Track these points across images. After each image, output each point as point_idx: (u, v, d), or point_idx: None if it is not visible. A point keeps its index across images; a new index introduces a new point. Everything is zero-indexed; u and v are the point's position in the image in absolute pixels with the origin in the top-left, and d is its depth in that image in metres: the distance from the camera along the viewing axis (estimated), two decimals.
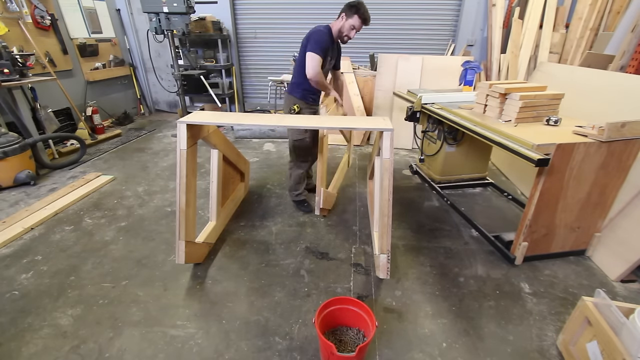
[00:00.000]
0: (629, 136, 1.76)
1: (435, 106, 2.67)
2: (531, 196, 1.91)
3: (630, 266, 1.89)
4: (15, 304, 1.76)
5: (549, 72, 3.04)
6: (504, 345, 1.57)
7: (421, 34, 5.05)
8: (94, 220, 2.56)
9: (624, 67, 2.79)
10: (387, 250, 1.78)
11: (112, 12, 5.08)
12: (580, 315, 1.42)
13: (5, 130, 3.03)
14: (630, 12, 3.11)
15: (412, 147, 4.13)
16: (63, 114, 4.18)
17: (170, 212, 2.66)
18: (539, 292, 1.88)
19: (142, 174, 3.38)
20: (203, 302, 1.79)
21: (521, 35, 4.10)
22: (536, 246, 2.05)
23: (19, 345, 1.53)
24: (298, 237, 2.37)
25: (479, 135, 2.05)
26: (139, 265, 2.07)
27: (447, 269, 2.06)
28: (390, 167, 1.74)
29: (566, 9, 4.07)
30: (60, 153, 3.81)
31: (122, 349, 1.52)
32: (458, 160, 3.04)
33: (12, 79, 3.09)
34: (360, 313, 1.49)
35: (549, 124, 2.01)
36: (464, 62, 3.32)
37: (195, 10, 3.82)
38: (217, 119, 1.90)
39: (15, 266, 2.04)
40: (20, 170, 3.00)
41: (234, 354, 1.50)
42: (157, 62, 5.24)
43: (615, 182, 1.93)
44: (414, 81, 3.89)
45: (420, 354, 1.52)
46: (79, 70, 4.51)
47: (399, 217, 2.63)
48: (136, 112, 5.68)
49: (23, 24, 3.59)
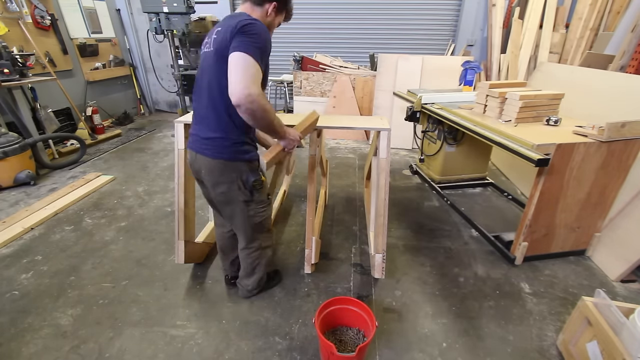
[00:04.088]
0: (629, 136, 1.76)
1: (435, 106, 2.67)
2: (531, 196, 1.91)
3: (630, 266, 1.89)
4: (15, 304, 1.76)
5: (549, 72, 3.04)
6: (504, 345, 1.57)
7: (421, 34, 5.05)
8: (94, 220, 2.56)
9: (624, 67, 2.79)
10: (383, 250, 1.78)
11: (112, 12, 5.08)
12: (580, 315, 1.42)
13: (5, 130, 3.03)
14: (630, 12, 3.11)
15: (412, 147, 4.13)
16: (63, 114, 4.18)
17: (170, 212, 2.66)
18: (539, 292, 1.88)
19: (142, 174, 3.38)
20: (203, 302, 1.79)
21: (521, 35, 4.10)
22: (536, 246, 2.05)
23: (19, 345, 1.53)
24: (298, 237, 2.37)
25: (479, 135, 2.05)
26: (139, 265, 2.07)
27: (447, 269, 2.06)
28: (387, 167, 1.74)
29: (566, 9, 4.07)
30: (60, 153, 3.81)
31: (122, 349, 1.52)
32: (458, 160, 3.04)
33: (12, 79, 3.09)
34: (360, 313, 1.49)
35: (549, 124, 2.02)
36: (464, 62, 3.32)
37: (195, 10, 3.82)
38: None
39: (15, 266, 2.04)
40: (20, 170, 3.00)
41: (234, 354, 1.50)
42: (157, 62, 5.23)
43: (615, 182, 1.93)
44: (414, 81, 3.89)
45: (420, 354, 1.52)
46: (79, 70, 4.51)
47: (398, 217, 2.63)
48: (136, 112, 5.68)
49: (23, 24, 3.59)
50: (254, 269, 1.71)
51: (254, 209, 1.51)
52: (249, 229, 1.57)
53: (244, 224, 1.55)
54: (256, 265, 1.70)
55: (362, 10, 4.95)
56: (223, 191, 1.43)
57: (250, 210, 1.51)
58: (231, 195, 1.44)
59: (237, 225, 1.58)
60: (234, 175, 1.39)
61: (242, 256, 1.68)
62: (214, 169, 1.39)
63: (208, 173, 1.41)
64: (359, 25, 5.06)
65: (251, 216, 1.52)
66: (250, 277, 1.73)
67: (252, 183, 1.41)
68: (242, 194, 1.44)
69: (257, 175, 1.42)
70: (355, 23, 5.04)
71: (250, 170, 1.41)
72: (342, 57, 4.93)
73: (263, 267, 1.72)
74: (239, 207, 1.49)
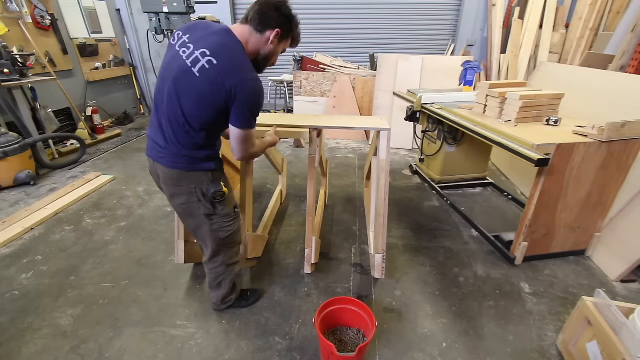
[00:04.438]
0: (629, 136, 1.76)
1: (435, 106, 2.67)
2: (531, 196, 1.91)
3: (630, 266, 1.89)
4: (15, 304, 1.76)
5: (549, 72, 3.04)
6: (504, 345, 1.57)
7: (421, 34, 5.05)
8: (94, 220, 2.56)
9: (624, 67, 2.79)
10: (383, 250, 1.78)
11: (112, 12, 5.08)
12: (580, 315, 1.42)
13: (5, 130, 3.03)
14: (630, 12, 3.10)
15: (412, 147, 4.13)
16: (63, 114, 4.18)
17: (170, 212, 2.66)
18: (539, 292, 1.88)
19: (142, 174, 3.38)
20: (203, 302, 1.79)
21: (521, 35, 4.10)
22: (536, 246, 2.05)
23: (19, 345, 1.53)
24: (298, 237, 2.37)
25: (479, 135, 2.05)
26: (139, 265, 2.07)
27: (447, 269, 2.06)
28: (387, 167, 1.74)
29: (566, 9, 4.07)
30: (60, 153, 3.81)
31: (122, 349, 1.52)
32: (458, 160, 3.04)
33: (12, 79, 3.09)
34: (360, 313, 1.49)
35: (549, 124, 2.02)
36: (464, 62, 3.32)
37: (195, 10, 3.82)
38: None
39: (15, 266, 2.04)
40: (20, 170, 3.00)
41: (234, 354, 1.50)
42: (157, 62, 5.22)
43: (615, 182, 1.93)
44: (414, 81, 3.89)
45: (420, 354, 1.52)
46: (79, 70, 4.51)
47: (399, 217, 2.63)
48: (136, 112, 5.67)
49: (23, 24, 3.58)
50: (219, 284, 1.60)
51: (217, 222, 1.39)
52: (213, 244, 1.45)
53: (207, 238, 1.44)
54: (221, 281, 1.58)
55: (362, 10, 4.96)
56: (181, 202, 1.33)
57: (214, 225, 1.39)
58: (191, 207, 1.34)
59: (200, 238, 1.48)
60: (192, 187, 1.28)
61: (206, 270, 1.58)
62: (169, 179, 1.29)
63: (164, 183, 1.33)
64: (359, 25, 5.06)
65: (215, 230, 1.40)
66: (216, 291, 1.63)
67: (212, 194, 1.29)
68: (202, 206, 1.33)
69: (218, 186, 1.31)
70: (355, 23, 5.04)
71: (210, 181, 1.30)
72: (342, 57, 4.93)
73: (229, 283, 1.60)
74: (200, 220, 1.37)
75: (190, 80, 1.14)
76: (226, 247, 1.50)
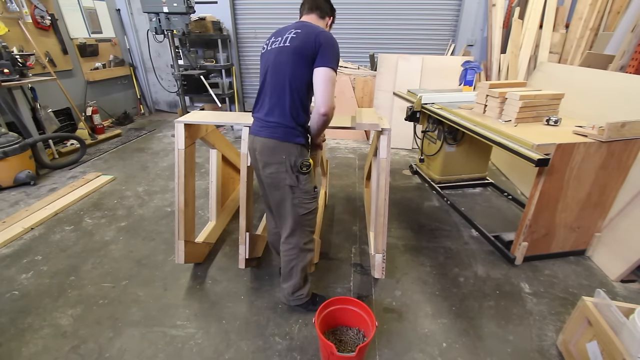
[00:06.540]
0: (629, 136, 1.76)
1: (435, 106, 2.67)
2: (531, 196, 1.91)
3: (630, 266, 1.89)
4: (15, 304, 1.76)
5: (549, 72, 3.04)
6: (504, 345, 1.57)
7: (421, 34, 5.05)
8: (94, 220, 2.56)
9: (624, 67, 2.79)
10: (383, 250, 1.78)
11: (112, 12, 5.08)
12: (580, 315, 1.42)
13: (5, 130, 3.03)
14: (630, 12, 3.10)
15: (412, 147, 4.13)
16: (63, 114, 4.18)
17: (170, 212, 2.66)
18: (539, 292, 1.88)
19: (142, 174, 3.38)
20: (203, 302, 1.79)
21: (521, 35, 4.10)
22: (536, 246, 2.05)
23: (19, 345, 1.53)
24: None
25: (479, 135, 2.05)
26: (139, 265, 2.07)
27: (447, 269, 2.06)
28: (387, 167, 1.74)
29: (566, 9, 4.07)
30: (60, 153, 3.81)
31: (122, 349, 1.52)
32: (458, 160, 3.04)
33: (12, 79, 3.09)
34: (360, 313, 1.49)
35: (549, 124, 2.02)
36: (464, 62, 3.32)
37: (195, 10, 3.83)
38: (215, 118, 1.90)
39: (15, 266, 2.04)
40: (20, 170, 3.00)
41: (234, 354, 1.50)
42: (157, 62, 5.24)
43: (615, 182, 1.93)
44: (414, 81, 3.89)
45: (420, 354, 1.52)
46: (79, 70, 4.51)
47: (398, 217, 2.63)
48: (136, 112, 5.68)
49: (23, 24, 3.59)
50: (291, 271, 1.63)
51: (298, 197, 1.52)
52: (291, 220, 1.56)
53: (287, 214, 1.56)
54: (292, 266, 1.62)
55: (362, 10, 4.95)
56: (272, 172, 1.49)
57: (295, 199, 1.52)
58: (278, 177, 1.48)
59: (282, 213, 1.59)
60: (283, 157, 1.45)
61: (282, 251, 1.65)
62: (265, 148, 1.48)
63: (260, 152, 1.50)
64: (358, 25, 5.05)
65: (295, 205, 1.52)
66: (288, 281, 1.66)
67: (300, 163, 1.46)
68: (288, 177, 1.48)
69: (306, 156, 1.51)
70: (355, 23, 5.04)
71: (299, 153, 1.48)
72: (342, 57, 4.93)
73: (300, 272, 1.62)
74: (284, 192, 1.51)
75: (285, 51, 1.40)
76: (302, 226, 1.60)
